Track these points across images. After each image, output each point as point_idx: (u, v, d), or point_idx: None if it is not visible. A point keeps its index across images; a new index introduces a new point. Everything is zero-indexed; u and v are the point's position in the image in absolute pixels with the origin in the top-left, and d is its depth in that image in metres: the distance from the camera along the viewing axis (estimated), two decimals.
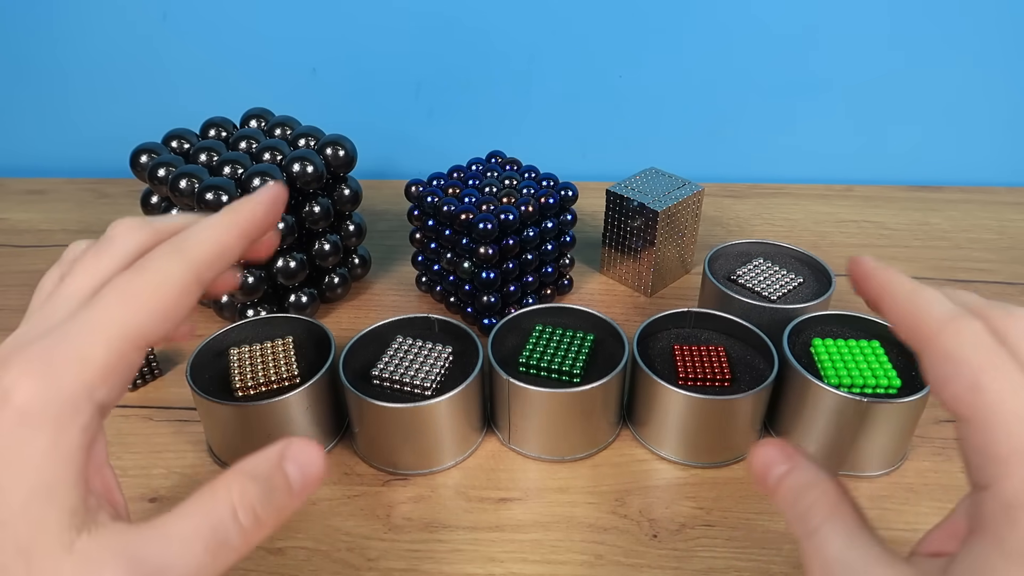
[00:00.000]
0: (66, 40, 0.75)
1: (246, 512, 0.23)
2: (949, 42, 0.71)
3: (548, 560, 0.38)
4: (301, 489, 0.24)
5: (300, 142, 0.52)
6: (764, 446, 0.26)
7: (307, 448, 0.24)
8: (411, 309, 0.57)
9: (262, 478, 0.23)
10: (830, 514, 0.24)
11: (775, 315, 0.47)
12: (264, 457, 0.24)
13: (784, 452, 0.26)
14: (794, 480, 0.25)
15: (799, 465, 0.26)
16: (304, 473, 0.24)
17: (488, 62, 0.74)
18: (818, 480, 0.25)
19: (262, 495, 0.23)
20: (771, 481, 0.26)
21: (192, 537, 0.22)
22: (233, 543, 0.22)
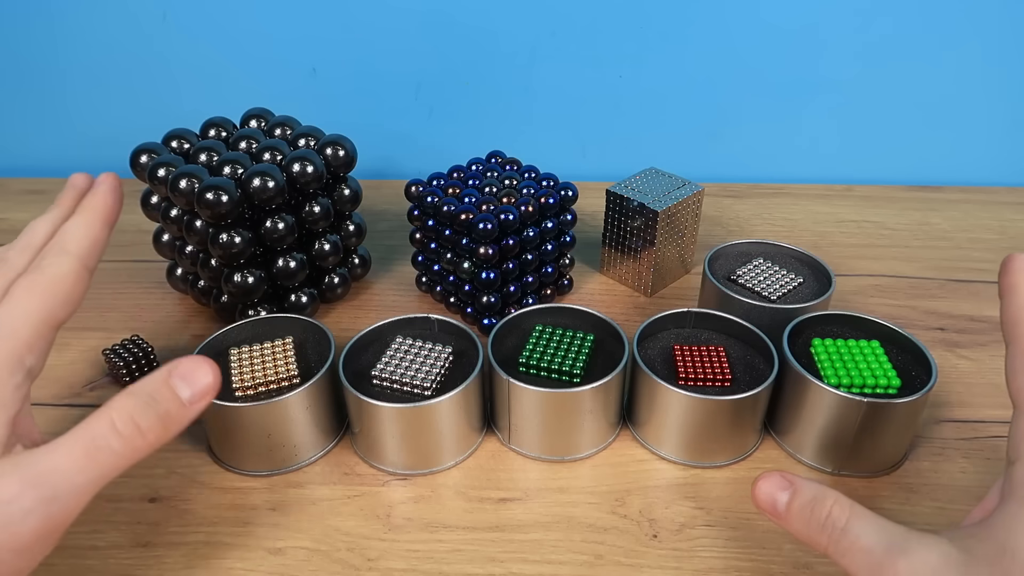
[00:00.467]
0: (66, 40, 0.75)
1: (124, 422, 0.28)
2: (949, 42, 0.71)
3: (548, 560, 0.38)
4: (191, 399, 0.29)
5: (300, 142, 0.52)
6: (762, 480, 0.30)
7: (194, 363, 0.30)
8: (411, 309, 0.57)
9: (143, 393, 0.28)
10: (851, 512, 0.27)
11: (775, 315, 0.47)
12: (149, 376, 0.29)
13: (783, 479, 0.29)
14: (802, 499, 0.28)
15: (800, 486, 0.29)
16: (192, 386, 0.29)
17: (488, 62, 0.74)
18: (826, 491, 0.28)
19: (141, 407, 0.28)
20: (780, 509, 0.29)
21: (73, 445, 0.27)
22: (114, 447, 0.27)
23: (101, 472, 0.27)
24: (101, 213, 0.34)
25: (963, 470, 0.42)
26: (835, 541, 0.27)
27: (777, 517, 0.29)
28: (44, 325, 0.30)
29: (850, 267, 0.62)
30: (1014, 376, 0.29)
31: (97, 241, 0.33)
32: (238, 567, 0.37)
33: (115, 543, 0.39)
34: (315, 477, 0.43)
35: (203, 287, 0.55)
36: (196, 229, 0.49)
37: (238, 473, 0.43)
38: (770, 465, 0.43)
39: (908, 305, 0.57)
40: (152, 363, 0.49)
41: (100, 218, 0.34)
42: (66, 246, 0.32)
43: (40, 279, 0.30)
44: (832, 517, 0.27)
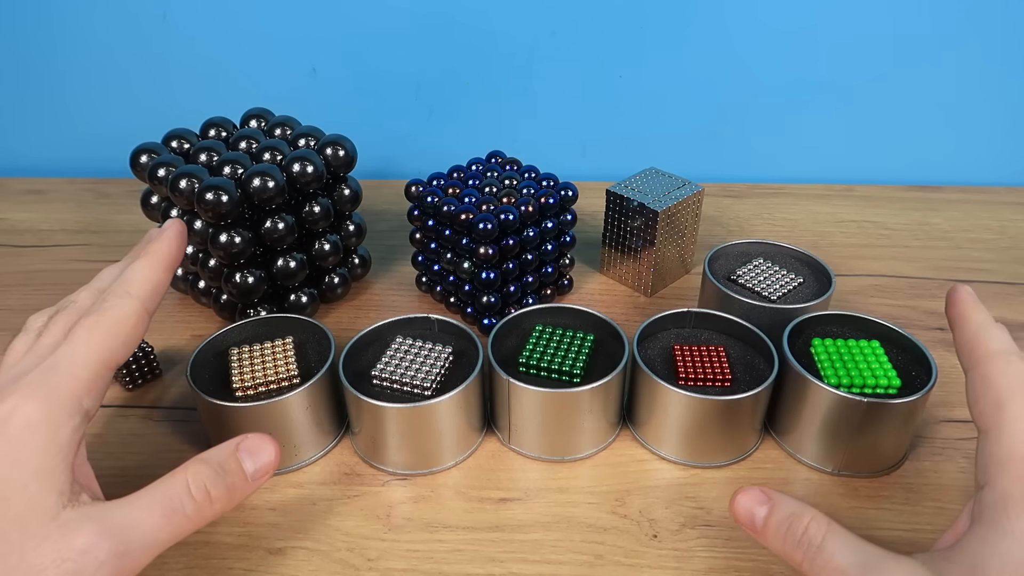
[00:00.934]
0: (66, 40, 0.75)
1: (198, 487, 0.29)
2: (949, 42, 0.71)
3: (548, 560, 0.38)
4: (254, 475, 0.31)
5: (300, 142, 0.52)
6: (741, 494, 0.30)
7: (259, 441, 0.32)
8: (411, 309, 0.57)
9: (214, 463, 0.30)
10: (828, 530, 0.27)
11: (775, 315, 0.47)
12: (219, 447, 0.31)
13: (762, 494, 0.30)
14: (780, 514, 0.29)
15: (779, 502, 0.29)
16: (256, 461, 0.31)
17: (488, 62, 0.74)
18: (804, 508, 0.29)
19: (213, 475, 0.30)
20: (758, 523, 0.29)
21: (150, 504, 0.28)
22: (187, 511, 0.29)
23: (172, 534, 0.28)
24: (164, 257, 0.35)
25: (963, 470, 0.42)
26: (810, 559, 0.27)
27: (755, 532, 0.30)
28: (103, 366, 0.30)
29: (850, 267, 0.62)
30: (975, 402, 0.29)
31: (159, 284, 0.34)
32: (238, 567, 0.37)
33: None
34: (315, 477, 0.43)
35: (203, 287, 0.55)
36: (196, 229, 0.49)
37: None
38: (770, 465, 0.43)
39: (908, 305, 0.57)
40: (152, 363, 0.49)
41: (162, 262, 0.34)
42: (129, 288, 0.32)
43: (101, 320, 0.31)
44: (808, 534, 0.28)
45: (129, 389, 0.49)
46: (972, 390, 0.30)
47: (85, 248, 0.66)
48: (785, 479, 0.42)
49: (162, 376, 0.50)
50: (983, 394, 0.29)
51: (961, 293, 0.34)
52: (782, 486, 0.42)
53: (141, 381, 0.49)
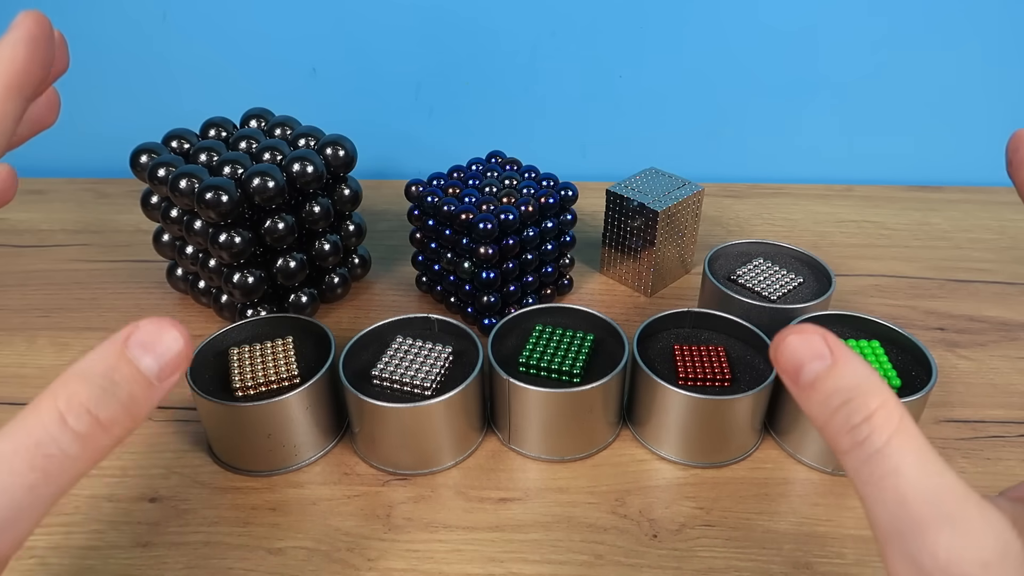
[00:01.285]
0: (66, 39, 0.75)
1: (77, 416, 0.20)
2: (949, 42, 0.71)
3: (548, 560, 0.38)
4: (160, 374, 0.22)
5: (300, 142, 0.52)
6: (795, 335, 0.21)
7: (154, 327, 0.22)
8: (411, 309, 0.57)
9: (96, 375, 0.21)
10: (899, 429, 0.20)
11: (775, 315, 0.47)
12: (100, 351, 0.21)
13: (823, 343, 0.21)
14: (840, 381, 0.21)
15: (845, 363, 0.21)
16: (159, 355, 0.21)
17: (489, 62, 0.74)
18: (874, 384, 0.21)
19: (98, 393, 0.21)
20: (805, 378, 0.21)
21: (12, 455, 0.20)
22: (70, 452, 0.20)
23: (57, 486, 0.20)
24: None
25: (963, 470, 0.42)
26: (863, 458, 0.20)
27: (795, 386, 0.22)
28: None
29: (850, 267, 0.62)
30: None
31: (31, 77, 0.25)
32: (238, 567, 0.37)
33: (115, 543, 0.39)
34: (315, 477, 0.43)
35: (203, 287, 0.55)
36: (196, 229, 0.49)
37: (238, 473, 0.43)
38: (770, 465, 0.43)
39: (908, 305, 0.57)
40: None
41: None
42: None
43: None
44: (872, 425, 0.20)
45: None
46: None
47: (85, 248, 0.66)
48: (785, 479, 0.42)
49: None
50: None
51: None
52: (782, 486, 0.42)
53: None
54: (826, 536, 0.39)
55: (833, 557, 0.38)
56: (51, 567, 0.38)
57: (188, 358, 0.22)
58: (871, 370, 0.21)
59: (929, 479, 0.19)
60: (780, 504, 0.41)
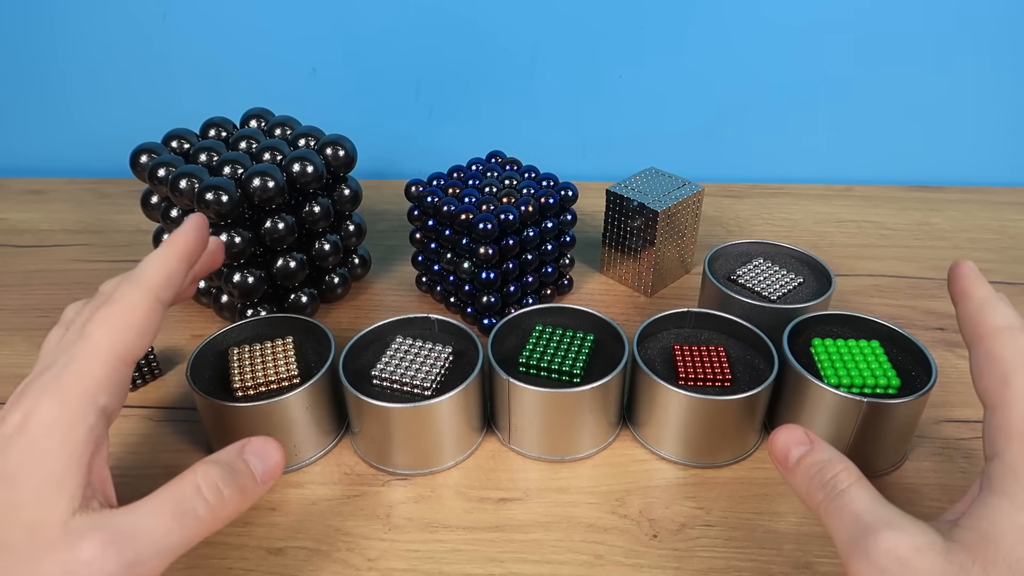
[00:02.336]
0: (66, 39, 0.75)
1: (209, 488, 0.28)
2: (949, 42, 0.71)
3: (548, 560, 0.38)
4: (263, 476, 0.30)
5: (300, 142, 0.52)
6: (783, 431, 0.31)
7: (265, 443, 0.31)
8: (411, 309, 0.57)
9: (224, 463, 0.29)
10: (857, 480, 0.28)
11: (775, 315, 0.47)
12: (226, 449, 0.30)
13: (804, 436, 0.31)
14: (817, 457, 0.30)
15: (820, 446, 0.30)
16: (264, 462, 0.30)
17: (489, 62, 0.74)
18: (840, 458, 0.29)
19: (224, 475, 0.28)
20: (791, 461, 0.30)
21: (159, 509, 0.26)
22: (199, 513, 0.27)
23: (185, 538, 0.27)
24: (180, 247, 0.33)
25: (963, 470, 0.42)
26: (829, 500, 0.28)
27: (785, 469, 0.30)
28: (117, 360, 0.28)
29: (850, 267, 0.62)
30: (979, 377, 0.30)
31: (172, 273, 0.32)
32: (238, 567, 0.37)
33: None
34: (315, 477, 0.43)
35: (203, 287, 0.55)
36: None
37: None
38: (770, 465, 0.43)
39: (908, 305, 0.57)
40: (152, 363, 0.49)
41: (177, 251, 0.33)
42: (139, 277, 0.31)
43: (111, 312, 0.29)
44: (836, 479, 0.28)
45: (129, 389, 0.49)
46: (976, 365, 0.30)
47: (85, 248, 0.66)
48: None
49: (162, 376, 0.50)
50: (988, 369, 0.29)
51: (963, 268, 0.34)
52: (782, 486, 0.42)
53: (141, 381, 0.49)
54: (826, 536, 0.38)
55: (833, 557, 0.38)
56: None
57: (283, 468, 0.31)
58: (839, 453, 0.30)
59: (875, 505, 0.27)
60: (780, 504, 0.41)
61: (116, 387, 0.29)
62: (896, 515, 0.27)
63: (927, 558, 0.25)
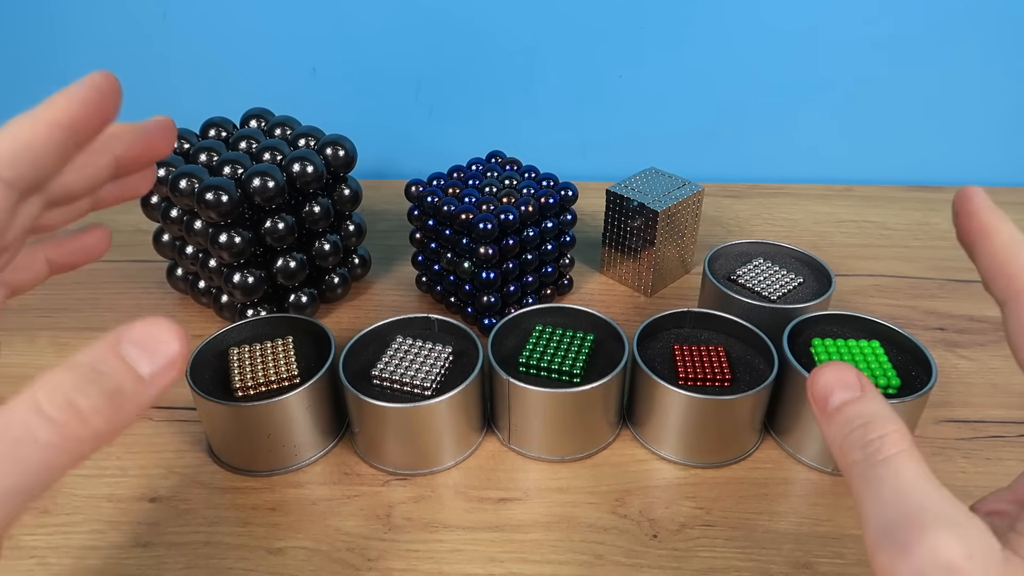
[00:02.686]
0: (66, 39, 0.75)
1: (54, 402, 0.19)
2: (949, 42, 0.71)
3: (548, 560, 0.38)
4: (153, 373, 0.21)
5: (300, 142, 0.52)
6: (829, 368, 0.25)
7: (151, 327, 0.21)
8: (411, 309, 0.57)
9: (81, 365, 0.20)
10: (907, 450, 0.23)
11: (775, 315, 0.47)
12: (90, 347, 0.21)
13: (856, 380, 0.25)
14: (864, 408, 0.24)
15: (872, 396, 0.24)
16: (152, 352, 0.21)
17: (488, 62, 0.74)
18: (893, 417, 0.24)
19: (80, 381, 0.20)
20: (832, 404, 0.24)
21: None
22: (42, 439, 0.19)
23: (28, 479, 0.18)
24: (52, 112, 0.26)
25: (963, 470, 0.42)
26: (868, 466, 0.22)
27: (821, 412, 0.25)
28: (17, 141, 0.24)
29: (850, 267, 0.62)
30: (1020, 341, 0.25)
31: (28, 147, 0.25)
32: (238, 567, 0.37)
33: (115, 543, 0.39)
34: (315, 477, 0.43)
35: (203, 287, 0.55)
36: (196, 229, 0.49)
37: (238, 473, 0.43)
38: (770, 465, 0.43)
39: (908, 305, 0.57)
40: None
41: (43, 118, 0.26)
42: None
43: None
44: (882, 442, 0.23)
45: None
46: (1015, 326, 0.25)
47: None
48: (785, 479, 0.42)
49: None
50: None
51: (976, 200, 0.27)
52: (782, 486, 0.42)
53: None
54: (826, 536, 0.39)
55: (833, 557, 0.38)
56: (51, 567, 0.38)
57: (184, 359, 0.21)
58: (892, 410, 0.24)
59: (926, 485, 0.21)
60: (780, 504, 0.41)
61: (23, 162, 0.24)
62: (949, 504, 0.21)
63: (980, 568, 0.20)
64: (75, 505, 0.41)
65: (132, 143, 0.28)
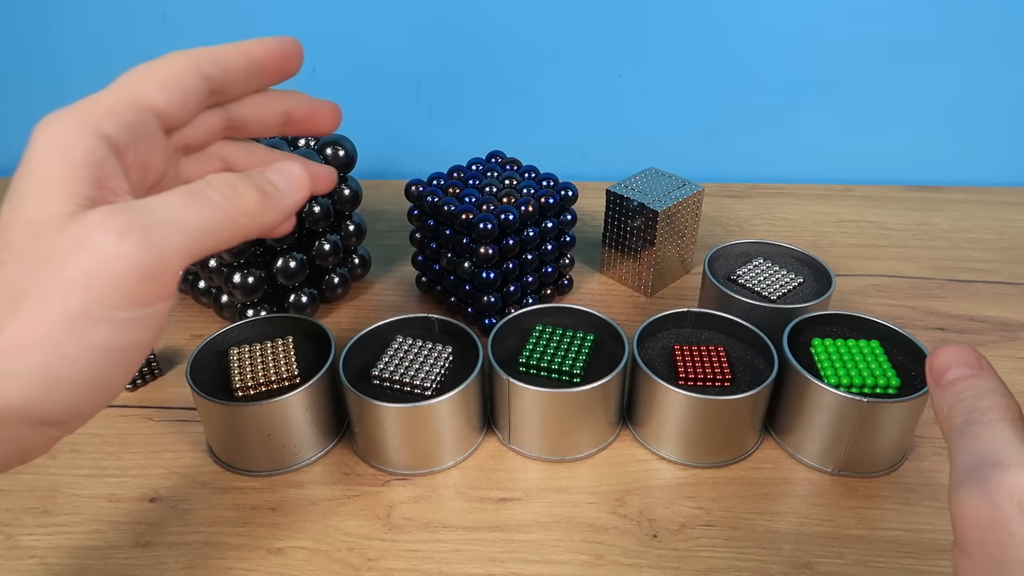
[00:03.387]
0: (66, 39, 0.75)
1: (221, 181, 0.26)
2: (949, 42, 0.71)
3: (548, 560, 0.38)
4: (285, 185, 0.28)
5: (300, 142, 0.52)
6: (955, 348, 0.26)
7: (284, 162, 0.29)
8: (411, 309, 0.57)
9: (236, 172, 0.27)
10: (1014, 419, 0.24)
11: (775, 315, 0.47)
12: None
13: (975, 359, 0.26)
14: (980, 383, 0.25)
15: (989, 375, 0.26)
16: (284, 176, 0.28)
17: (489, 62, 0.74)
18: (1006, 393, 0.25)
19: (238, 177, 0.27)
20: (946, 379, 0.26)
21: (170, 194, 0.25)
22: (212, 198, 0.25)
23: (202, 217, 0.25)
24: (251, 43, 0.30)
25: None
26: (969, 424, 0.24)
27: (935, 384, 0.27)
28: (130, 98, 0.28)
29: (850, 267, 0.62)
30: None
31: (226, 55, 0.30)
32: (238, 567, 0.37)
33: (115, 543, 0.39)
34: (315, 477, 0.43)
35: (203, 287, 0.55)
36: None
37: (238, 473, 0.43)
38: (770, 465, 0.43)
39: (908, 305, 0.57)
40: (152, 363, 0.49)
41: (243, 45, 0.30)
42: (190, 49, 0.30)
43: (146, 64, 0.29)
44: (989, 408, 0.24)
45: (129, 389, 0.49)
46: None
47: None
48: (785, 479, 0.42)
49: (162, 376, 0.50)
50: None
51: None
52: (782, 486, 0.42)
53: (141, 381, 0.49)
54: (826, 536, 0.39)
55: (833, 557, 0.38)
56: (51, 567, 0.38)
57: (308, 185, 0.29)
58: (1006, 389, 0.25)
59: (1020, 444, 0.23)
60: (780, 504, 0.41)
61: (126, 125, 0.27)
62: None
63: None
64: (75, 505, 0.41)
65: (302, 104, 0.33)
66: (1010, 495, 0.22)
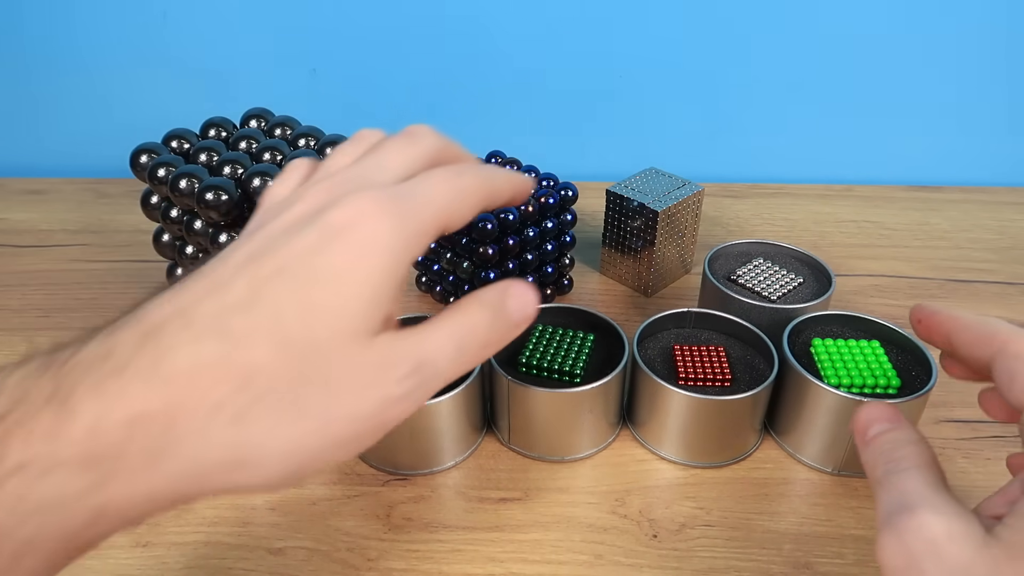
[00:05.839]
0: (66, 39, 0.75)
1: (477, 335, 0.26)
2: (949, 41, 0.71)
3: (548, 560, 0.38)
4: (519, 322, 0.28)
5: (300, 142, 0.52)
6: (876, 407, 0.29)
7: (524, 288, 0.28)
8: (411, 309, 0.57)
9: (490, 306, 0.27)
10: (924, 465, 0.26)
11: (775, 315, 0.47)
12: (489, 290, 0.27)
13: (894, 417, 0.29)
14: (897, 436, 0.28)
15: (905, 427, 0.28)
16: (521, 308, 0.28)
17: (489, 62, 0.74)
18: (920, 441, 0.27)
19: (491, 322, 0.27)
20: (869, 435, 0.28)
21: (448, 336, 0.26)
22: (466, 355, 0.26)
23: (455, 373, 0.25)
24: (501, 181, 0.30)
25: (963, 470, 0.42)
26: (887, 474, 0.26)
27: (860, 440, 0.29)
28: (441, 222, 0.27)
29: (850, 267, 0.62)
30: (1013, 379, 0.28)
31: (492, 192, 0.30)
32: (238, 567, 0.37)
33: (115, 543, 0.39)
34: (315, 477, 0.43)
35: None
36: (196, 229, 0.49)
37: None
38: (770, 465, 0.43)
39: (908, 305, 0.57)
40: None
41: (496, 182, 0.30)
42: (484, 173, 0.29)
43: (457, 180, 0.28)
44: (904, 458, 0.26)
45: None
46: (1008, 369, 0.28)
47: (85, 248, 0.66)
48: (785, 479, 0.42)
49: None
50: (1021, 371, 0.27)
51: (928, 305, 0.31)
52: (782, 486, 0.42)
53: None
54: (826, 536, 0.39)
55: (833, 557, 0.38)
56: None
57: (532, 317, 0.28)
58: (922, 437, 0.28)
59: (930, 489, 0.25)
60: (780, 504, 0.41)
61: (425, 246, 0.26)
62: (946, 502, 0.24)
63: (959, 546, 0.23)
64: None
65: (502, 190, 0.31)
66: (919, 535, 0.23)
